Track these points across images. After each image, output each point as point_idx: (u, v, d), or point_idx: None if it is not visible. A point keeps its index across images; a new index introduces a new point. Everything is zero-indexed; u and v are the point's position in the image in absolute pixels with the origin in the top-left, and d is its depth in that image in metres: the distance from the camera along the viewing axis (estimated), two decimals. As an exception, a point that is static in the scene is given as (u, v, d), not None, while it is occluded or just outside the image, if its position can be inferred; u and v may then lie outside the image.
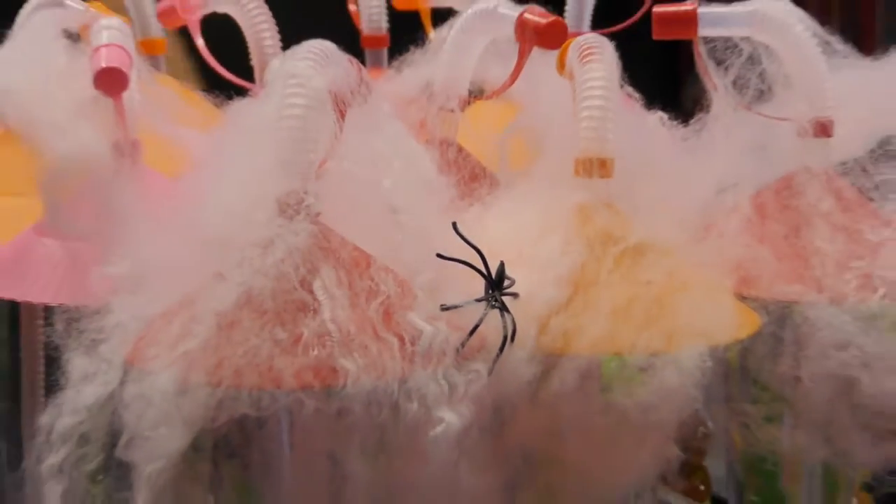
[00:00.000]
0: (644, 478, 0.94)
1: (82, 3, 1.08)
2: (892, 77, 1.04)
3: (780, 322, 0.95)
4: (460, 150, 1.01)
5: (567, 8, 1.24)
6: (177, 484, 0.81)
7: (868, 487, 1.06)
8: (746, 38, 0.97)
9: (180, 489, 0.81)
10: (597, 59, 0.88)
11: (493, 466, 0.84)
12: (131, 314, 0.81)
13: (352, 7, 1.27)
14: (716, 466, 1.14)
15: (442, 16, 1.12)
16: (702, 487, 1.50)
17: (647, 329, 0.86)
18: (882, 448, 0.98)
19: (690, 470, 1.49)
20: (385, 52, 1.27)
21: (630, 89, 0.93)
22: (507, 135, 0.99)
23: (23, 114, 1.00)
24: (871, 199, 0.99)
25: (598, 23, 1.21)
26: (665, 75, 0.99)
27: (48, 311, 0.98)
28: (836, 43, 1.00)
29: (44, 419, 0.82)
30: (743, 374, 0.98)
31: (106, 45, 0.94)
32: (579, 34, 0.93)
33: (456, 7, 1.12)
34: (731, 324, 0.90)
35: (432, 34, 1.10)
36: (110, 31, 0.97)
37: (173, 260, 0.81)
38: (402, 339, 0.79)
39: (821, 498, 1.04)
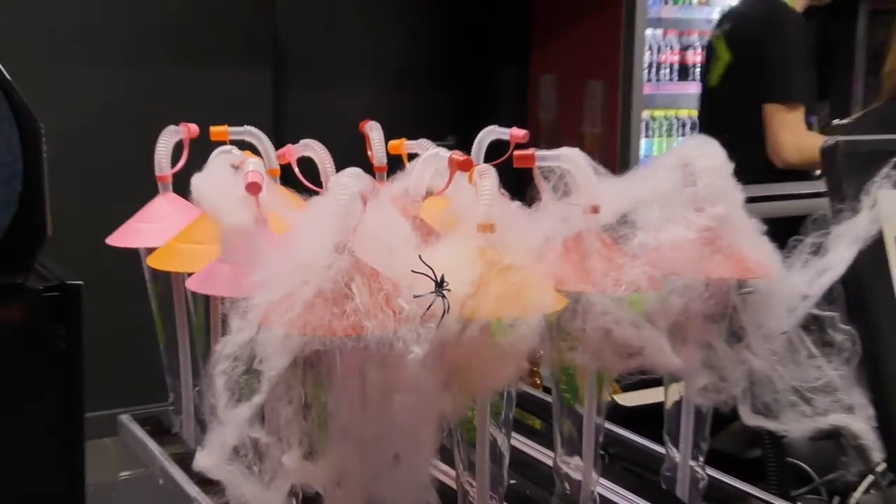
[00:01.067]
0: (512, 378, 0.93)
1: (241, 151, 1.07)
2: (626, 185, 1.02)
3: (576, 302, 0.93)
4: (422, 221, 0.99)
5: (472, 151, 1.22)
6: (285, 381, 0.80)
7: (618, 381, 1.07)
8: (558, 166, 0.96)
9: (287, 383, 0.80)
10: (487, 176, 0.88)
11: (437, 374, 0.83)
12: (262, 300, 0.80)
13: (369, 152, 1.25)
14: (546, 372, 1.14)
15: (412, 156, 1.11)
16: (538, 381, 1.50)
17: (513, 306, 0.85)
18: (625, 363, 0.97)
19: (533, 373, 1.48)
20: (385, 174, 1.25)
21: (503, 190, 0.91)
22: (445, 214, 0.98)
23: (211, 204, 0.99)
24: (618, 244, 0.98)
25: (488, 158, 1.19)
26: (519, 184, 0.97)
27: (223, 298, 0.97)
28: (600, 168, 0.98)
29: (217, 347, 0.80)
30: (558, 327, 0.97)
31: (251, 171, 0.94)
32: (479, 164, 0.92)
33: (419, 153, 1.10)
34: (553, 302, 0.89)
35: (408, 165, 1.08)
36: (254, 164, 0.96)
37: (282, 274, 0.80)
38: (395, 312, 0.78)
39: (596, 386, 1.02)
